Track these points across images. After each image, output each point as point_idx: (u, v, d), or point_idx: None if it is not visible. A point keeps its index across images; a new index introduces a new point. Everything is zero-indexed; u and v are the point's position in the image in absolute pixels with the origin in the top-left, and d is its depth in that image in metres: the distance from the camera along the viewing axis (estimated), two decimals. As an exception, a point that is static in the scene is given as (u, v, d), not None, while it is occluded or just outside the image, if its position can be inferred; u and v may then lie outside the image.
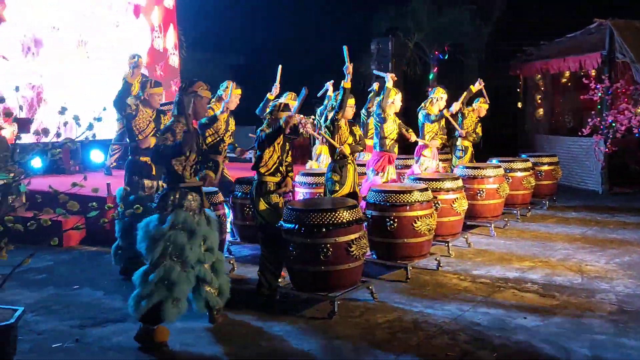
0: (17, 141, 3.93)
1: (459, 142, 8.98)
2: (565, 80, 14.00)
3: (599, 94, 10.70)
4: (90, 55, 11.37)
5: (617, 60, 10.69)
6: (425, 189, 5.99)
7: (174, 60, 13.55)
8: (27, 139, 6.38)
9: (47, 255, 6.81)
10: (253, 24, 19.40)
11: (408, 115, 9.50)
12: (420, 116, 8.05)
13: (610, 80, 10.70)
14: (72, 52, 11.02)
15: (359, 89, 14.38)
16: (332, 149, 6.08)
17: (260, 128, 5.32)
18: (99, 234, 7.31)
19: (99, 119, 3.66)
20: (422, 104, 8.18)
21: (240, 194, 6.59)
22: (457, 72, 16.93)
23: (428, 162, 7.90)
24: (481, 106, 9.04)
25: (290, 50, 19.24)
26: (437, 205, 6.42)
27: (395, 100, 6.90)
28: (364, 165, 7.38)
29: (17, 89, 6.94)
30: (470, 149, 8.94)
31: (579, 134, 11.34)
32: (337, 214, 4.78)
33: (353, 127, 6.19)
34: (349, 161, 6.08)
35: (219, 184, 6.61)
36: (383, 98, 6.95)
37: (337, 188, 5.98)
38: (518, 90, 14.51)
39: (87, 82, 11.18)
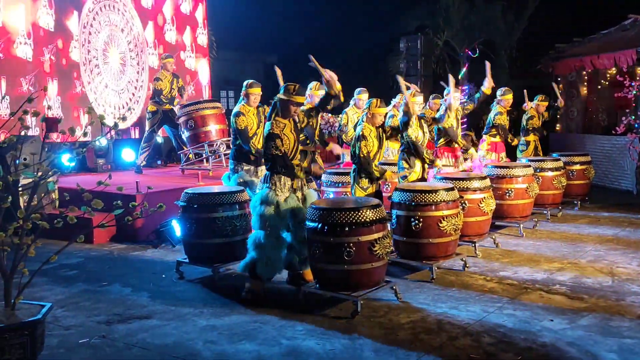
0: (46, 140, 4.03)
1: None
2: (599, 77, 13.69)
3: (634, 92, 10.43)
4: (124, 56, 11.60)
5: (653, 57, 10.43)
6: (452, 189, 5.93)
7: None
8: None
9: (78, 252, 6.95)
10: (284, 23, 19.49)
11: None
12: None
13: (646, 77, 10.44)
14: (105, 53, 11.25)
15: (387, 88, 14.35)
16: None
17: (360, 121, 6.10)
18: (128, 231, 7.44)
19: (123, 118, 3.73)
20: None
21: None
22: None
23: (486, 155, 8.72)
24: (539, 104, 9.58)
25: (321, 49, 19.28)
26: (463, 204, 6.35)
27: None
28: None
29: (45, 88, 7.12)
30: (533, 144, 9.43)
31: (613, 132, 11.08)
32: (360, 213, 4.76)
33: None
34: None
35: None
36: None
37: (407, 173, 6.67)
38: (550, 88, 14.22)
39: (120, 82, 11.43)
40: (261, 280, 5.26)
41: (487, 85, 7.87)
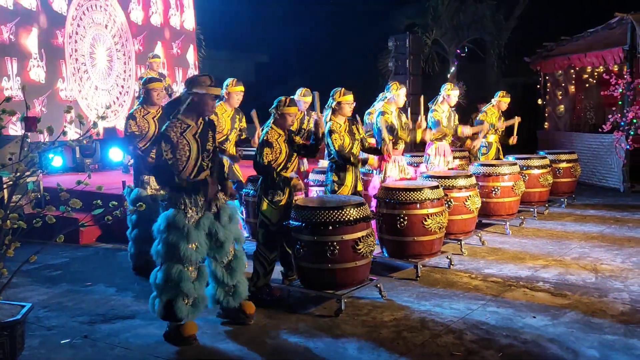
0: (26, 139, 4.01)
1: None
2: (586, 76, 13.77)
3: (620, 90, 10.49)
4: (111, 51, 11.53)
5: (639, 56, 10.47)
6: (436, 187, 5.94)
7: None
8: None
9: (63, 252, 6.92)
10: (274, 22, 19.47)
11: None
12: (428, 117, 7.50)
13: (632, 75, 10.49)
14: (92, 56, 11.17)
15: (377, 86, 14.37)
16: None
17: (266, 125, 5.26)
18: (114, 231, 7.40)
19: (102, 118, 3.71)
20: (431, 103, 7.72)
21: (252, 192, 6.62)
22: (477, 68, 16.79)
23: (433, 160, 7.51)
24: (501, 100, 8.56)
25: (311, 48, 19.31)
26: (449, 203, 6.36)
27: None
28: None
29: (23, 87, 7.09)
30: (495, 145, 8.62)
31: (600, 130, 11.15)
32: (343, 212, 4.77)
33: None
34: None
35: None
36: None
37: (336, 188, 5.70)
38: (538, 86, 14.29)
39: (109, 79, 11.37)
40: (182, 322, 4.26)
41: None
